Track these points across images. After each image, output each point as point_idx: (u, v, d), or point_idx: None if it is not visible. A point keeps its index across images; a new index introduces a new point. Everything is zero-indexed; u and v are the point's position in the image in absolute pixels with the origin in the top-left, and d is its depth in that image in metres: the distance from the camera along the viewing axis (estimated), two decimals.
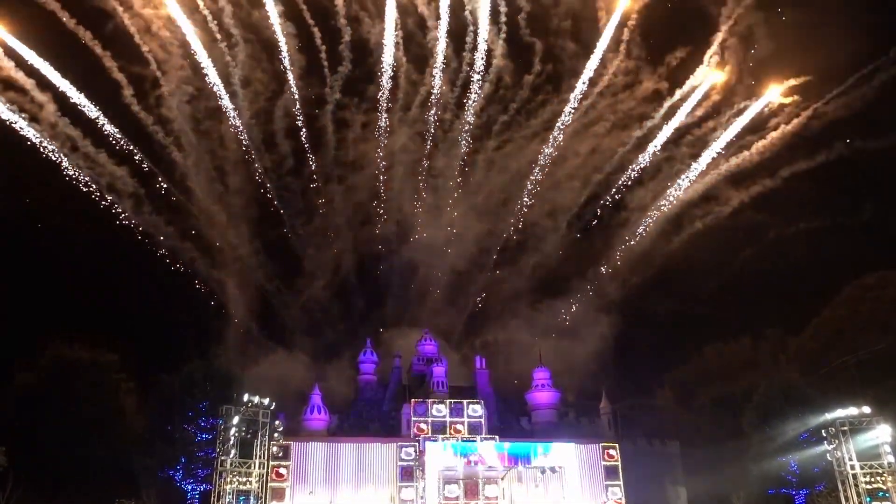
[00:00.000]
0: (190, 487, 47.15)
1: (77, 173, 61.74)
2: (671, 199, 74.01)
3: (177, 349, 54.54)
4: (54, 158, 60.43)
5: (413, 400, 54.11)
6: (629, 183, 75.71)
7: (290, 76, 67.60)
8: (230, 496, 38.69)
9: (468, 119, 73.50)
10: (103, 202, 63.55)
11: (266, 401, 42.07)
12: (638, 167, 73.95)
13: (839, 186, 77.16)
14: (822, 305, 65.14)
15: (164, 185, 66.84)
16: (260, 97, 69.31)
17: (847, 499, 43.35)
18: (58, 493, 45.92)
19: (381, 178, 75.95)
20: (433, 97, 71.95)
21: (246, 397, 41.48)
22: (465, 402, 53.93)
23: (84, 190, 62.37)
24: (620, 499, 51.68)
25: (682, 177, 73.13)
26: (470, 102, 72.25)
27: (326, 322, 77.83)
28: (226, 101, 66.43)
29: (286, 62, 66.44)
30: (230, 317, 70.53)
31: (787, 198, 73.72)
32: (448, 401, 53.77)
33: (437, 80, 70.71)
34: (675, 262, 76.85)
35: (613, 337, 72.92)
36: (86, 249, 69.48)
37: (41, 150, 59.60)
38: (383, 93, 70.60)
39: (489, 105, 74.12)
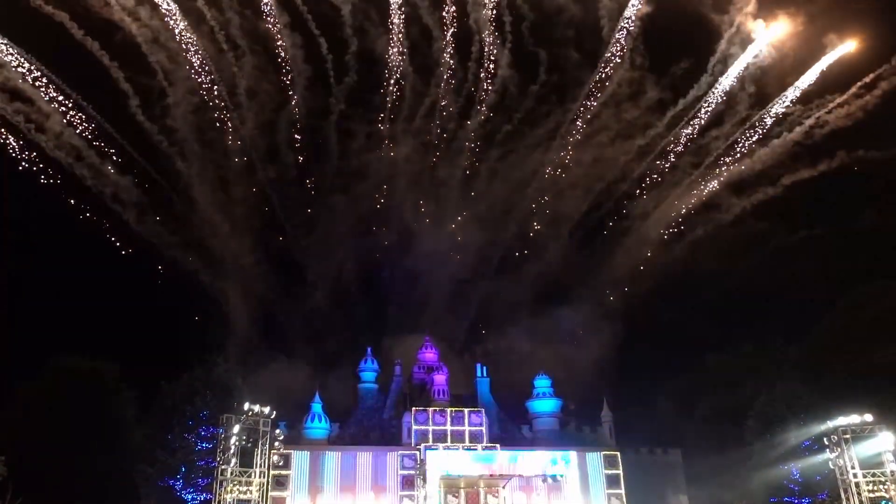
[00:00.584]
0: (190, 496, 46.94)
1: (80, 183, 61.89)
2: (673, 207, 74.16)
3: (178, 358, 54.42)
4: (58, 168, 60.59)
5: (414, 408, 54.08)
6: (632, 192, 75.97)
7: (296, 86, 67.91)
8: None
9: (472, 129, 73.81)
10: (105, 218, 63.74)
11: (266, 409, 42.03)
12: (640, 176, 74.20)
13: (840, 195, 77.30)
14: (823, 313, 65.15)
15: (168, 195, 67.02)
16: (265, 107, 69.66)
17: None
18: (58, 502, 45.80)
19: (384, 187, 76.26)
20: (437, 107, 72.31)
21: (246, 406, 41.44)
22: (466, 410, 53.89)
23: (87, 199, 62.52)
24: None
25: (684, 185, 73.36)
26: (474, 112, 72.65)
27: (327, 331, 77.92)
28: (230, 111, 66.72)
29: (292, 72, 66.75)
30: (231, 326, 70.57)
31: (788, 206, 73.91)
32: (449, 409, 53.75)
33: (442, 91, 71.11)
34: (677, 270, 76.87)
35: (615, 345, 72.88)
36: (87, 258, 69.63)
37: (45, 159, 59.77)
38: (388, 103, 71.00)
39: (493, 115, 74.36)
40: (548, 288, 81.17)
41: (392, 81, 69.53)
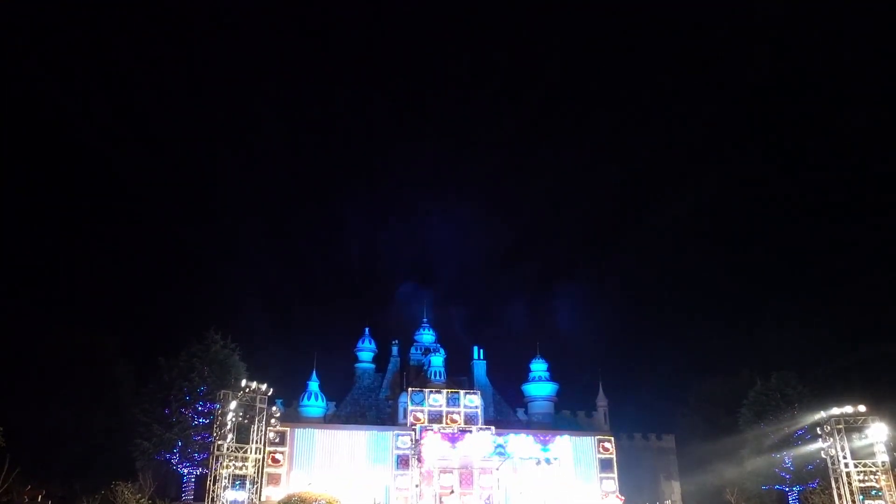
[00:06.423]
0: (186, 471, 47.29)
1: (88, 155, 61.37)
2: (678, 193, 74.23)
3: (176, 333, 54.54)
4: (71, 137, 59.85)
5: (410, 389, 54.25)
6: (643, 190, 76.14)
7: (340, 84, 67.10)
8: (226, 480, 38.82)
9: (506, 125, 73.59)
10: (114, 193, 63.39)
11: (263, 387, 42.15)
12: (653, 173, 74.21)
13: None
14: (820, 302, 65.52)
15: (178, 170, 66.61)
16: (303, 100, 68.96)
17: (840, 496, 43.47)
18: (54, 476, 46.07)
19: (403, 177, 76.27)
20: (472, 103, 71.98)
21: (244, 383, 41.56)
22: (462, 392, 54.09)
23: (90, 172, 62.16)
24: (615, 491, 51.91)
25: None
26: (511, 109, 72.34)
27: (326, 309, 78.14)
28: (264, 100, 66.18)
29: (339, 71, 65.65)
30: (232, 302, 70.66)
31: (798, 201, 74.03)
32: (445, 390, 53.94)
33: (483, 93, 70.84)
34: (677, 257, 77.09)
35: (612, 330, 73.16)
36: (88, 232, 69.59)
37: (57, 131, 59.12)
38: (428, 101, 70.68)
39: (530, 112, 73.79)
40: (548, 272, 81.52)
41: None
